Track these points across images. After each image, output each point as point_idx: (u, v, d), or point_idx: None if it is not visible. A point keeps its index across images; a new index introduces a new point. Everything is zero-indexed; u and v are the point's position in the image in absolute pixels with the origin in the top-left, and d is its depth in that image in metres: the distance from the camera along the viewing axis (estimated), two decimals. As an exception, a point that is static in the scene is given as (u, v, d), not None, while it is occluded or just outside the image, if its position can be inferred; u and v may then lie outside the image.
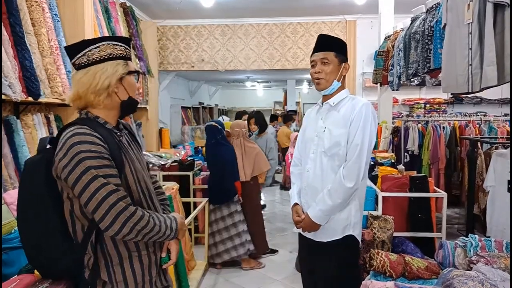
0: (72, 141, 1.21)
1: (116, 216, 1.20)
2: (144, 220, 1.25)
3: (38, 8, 2.90)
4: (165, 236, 1.34)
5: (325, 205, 1.85)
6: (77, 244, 1.29)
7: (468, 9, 2.19)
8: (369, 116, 1.85)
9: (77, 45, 1.33)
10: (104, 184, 1.20)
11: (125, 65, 1.36)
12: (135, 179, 1.36)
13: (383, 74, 4.51)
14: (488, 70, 2.04)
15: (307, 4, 5.59)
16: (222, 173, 3.72)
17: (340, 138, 1.87)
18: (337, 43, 1.97)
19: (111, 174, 1.23)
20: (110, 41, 1.34)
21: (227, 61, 6.44)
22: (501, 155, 2.94)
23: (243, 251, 3.75)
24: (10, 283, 1.55)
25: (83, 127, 1.25)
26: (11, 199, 2.24)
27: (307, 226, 1.93)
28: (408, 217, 3.09)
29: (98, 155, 1.21)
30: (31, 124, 2.87)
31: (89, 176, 1.19)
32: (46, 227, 1.28)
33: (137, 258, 1.33)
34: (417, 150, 4.71)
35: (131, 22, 4.94)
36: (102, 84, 1.30)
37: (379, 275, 2.25)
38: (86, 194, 1.19)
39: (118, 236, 1.23)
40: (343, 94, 1.95)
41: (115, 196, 1.20)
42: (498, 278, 1.74)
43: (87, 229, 1.28)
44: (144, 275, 1.34)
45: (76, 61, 1.31)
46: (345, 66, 1.95)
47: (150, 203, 1.42)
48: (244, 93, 15.13)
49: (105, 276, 1.30)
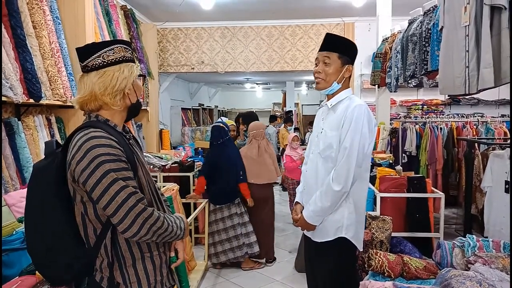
0: (90, 144, 1.21)
1: (135, 218, 1.21)
2: (160, 221, 1.27)
3: (39, 11, 2.92)
4: (176, 236, 1.36)
5: (316, 206, 1.86)
6: (89, 248, 1.30)
7: (465, 12, 2.21)
8: (361, 118, 1.80)
9: (89, 47, 1.33)
10: (123, 187, 1.21)
11: (137, 67, 1.39)
12: (146, 181, 1.37)
13: (381, 76, 4.54)
14: (484, 72, 2.06)
15: (306, 7, 5.61)
16: (227, 175, 3.72)
17: (333, 140, 1.85)
18: (343, 44, 1.92)
19: (129, 177, 1.24)
20: (121, 44, 1.35)
21: (226, 63, 6.46)
22: (498, 156, 2.96)
23: (240, 254, 3.75)
24: (12, 285, 1.57)
25: (98, 130, 1.25)
26: (12, 201, 2.25)
27: (302, 225, 1.95)
28: (406, 218, 3.11)
29: (117, 158, 1.22)
30: (32, 126, 2.89)
31: (109, 179, 1.19)
32: (57, 232, 1.28)
33: (149, 259, 1.34)
34: (414, 151, 4.73)
35: (131, 24, 4.97)
36: (120, 85, 1.31)
37: (377, 275, 2.27)
38: (106, 198, 1.19)
39: (135, 237, 1.24)
40: (343, 95, 1.91)
41: (134, 199, 1.22)
42: (496, 278, 1.75)
43: (100, 232, 1.28)
44: (156, 275, 1.36)
45: (89, 63, 1.30)
46: (348, 68, 1.90)
47: (159, 204, 1.44)
48: (243, 95, 15.15)
49: (119, 278, 1.31)
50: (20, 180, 2.67)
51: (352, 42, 1.97)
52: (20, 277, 1.66)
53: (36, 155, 2.83)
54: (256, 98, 14.69)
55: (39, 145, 2.90)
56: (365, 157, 1.86)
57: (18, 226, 2.02)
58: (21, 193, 2.35)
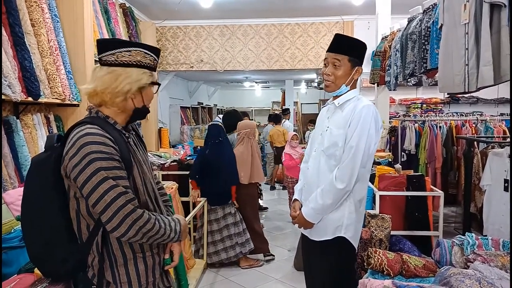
0: (83, 141, 1.20)
1: (123, 218, 1.19)
2: (150, 223, 1.25)
3: (37, 9, 2.91)
4: (169, 239, 1.34)
5: (316, 204, 1.85)
6: (82, 243, 1.29)
7: (464, 10, 2.21)
8: (368, 119, 1.80)
9: (110, 42, 1.33)
10: (113, 186, 1.19)
11: (150, 75, 1.36)
12: (142, 181, 1.35)
13: (380, 74, 4.54)
14: (484, 70, 2.06)
15: (305, 5, 5.60)
16: (226, 175, 3.70)
17: (338, 138, 1.85)
18: (354, 46, 1.90)
19: (121, 176, 1.23)
20: (142, 49, 1.33)
21: (225, 62, 6.45)
22: (497, 155, 2.97)
23: (234, 253, 3.75)
24: (10, 283, 1.56)
25: (94, 127, 1.24)
26: (11, 199, 2.25)
27: (300, 222, 1.95)
28: (405, 216, 3.11)
29: (109, 157, 1.21)
30: (31, 124, 2.88)
31: (99, 178, 1.18)
32: (54, 226, 1.27)
33: (141, 259, 1.33)
34: (414, 149, 4.74)
35: (130, 22, 4.96)
36: (122, 88, 1.29)
37: (376, 273, 2.27)
38: (95, 196, 1.18)
39: (123, 238, 1.22)
40: (351, 95, 1.91)
41: (123, 198, 1.20)
42: (495, 276, 1.75)
43: (93, 229, 1.27)
44: (148, 276, 1.34)
45: (103, 57, 1.29)
46: (358, 70, 1.89)
47: (156, 205, 1.42)
48: (242, 93, 15.13)
49: (109, 276, 1.30)
50: (19, 178, 2.66)
51: (362, 43, 1.94)
52: (19, 275, 1.65)
53: (34, 153, 2.83)
54: (255, 97, 14.68)
55: (37, 143, 2.90)
56: (369, 157, 1.86)
57: (17, 224, 2.02)
58: (19, 191, 2.34)
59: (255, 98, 14.73)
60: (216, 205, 3.76)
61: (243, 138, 3.92)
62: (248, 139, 3.91)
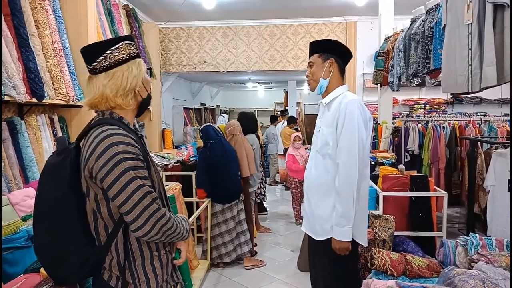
0: (110, 141, 1.20)
1: (148, 217, 1.21)
2: (170, 222, 1.28)
3: (42, 10, 2.93)
4: (181, 236, 1.36)
5: (338, 218, 1.82)
6: (100, 246, 1.29)
7: (467, 10, 2.20)
8: (354, 114, 1.80)
9: (93, 48, 1.31)
10: (140, 185, 1.21)
11: (143, 62, 1.37)
12: (157, 180, 1.37)
13: (383, 75, 4.54)
14: (487, 70, 2.05)
15: (308, 6, 5.61)
16: (234, 169, 3.76)
17: (328, 137, 1.88)
18: (321, 44, 2.01)
19: (145, 175, 1.24)
20: (125, 41, 1.33)
21: (228, 63, 6.46)
22: (501, 155, 2.95)
23: (235, 256, 3.78)
24: (16, 282, 1.57)
25: (117, 128, 1.24)
26: (16, 200, 2.26)
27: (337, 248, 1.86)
28: (409, 216, 3.11)
29: (135, 157, 1.22)
30: (35, 125, 2.90)
31: (127, 177, 1.19)
32: (70, 230, 1.26)
33: (157, 258, 1.34)
34: (417, 150, 4.73)
35: (133, 24, 4.98)
36: (130, 85, 1.30)
37: (380, 274, 2.27)
38: (123, 195, 1.19)
39: (146, 236, 1.23)
40: (338, 92, 1.94)
41: (149, 198, 1.22)
42: (499, 277, 1.75)
43: (112, 230, 1.27)
44: (163, 273, 1.36)
45: (96, 65, 1.28)
46: (331, 62, 1.95)
47: (166, 203, 1.44)
48: (245, 94, 15.14)
49: (128, 277, 1.30)
50: (23, 179, 2.68)
51: (330, 40, 2.05)
52: (25, 275, 1.66)
53: (39, 154, 2.84)
54: (258, 98, 14.69)
55: (42, 144, 2.91)
56: (364, 150, 1.85)
57: (22, 225, 2.03)
58: (24, 192, 2.36)
59: (258, 99, 14.74)
60: (231, 202, 3.76)
61: (232, 137, 3.99)
62: (232, 136, 3.99)
